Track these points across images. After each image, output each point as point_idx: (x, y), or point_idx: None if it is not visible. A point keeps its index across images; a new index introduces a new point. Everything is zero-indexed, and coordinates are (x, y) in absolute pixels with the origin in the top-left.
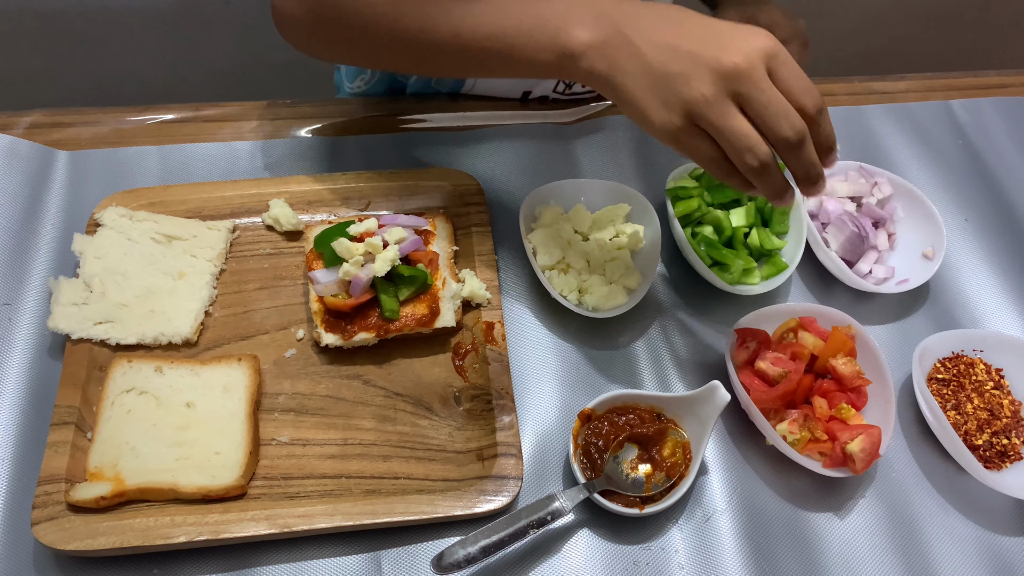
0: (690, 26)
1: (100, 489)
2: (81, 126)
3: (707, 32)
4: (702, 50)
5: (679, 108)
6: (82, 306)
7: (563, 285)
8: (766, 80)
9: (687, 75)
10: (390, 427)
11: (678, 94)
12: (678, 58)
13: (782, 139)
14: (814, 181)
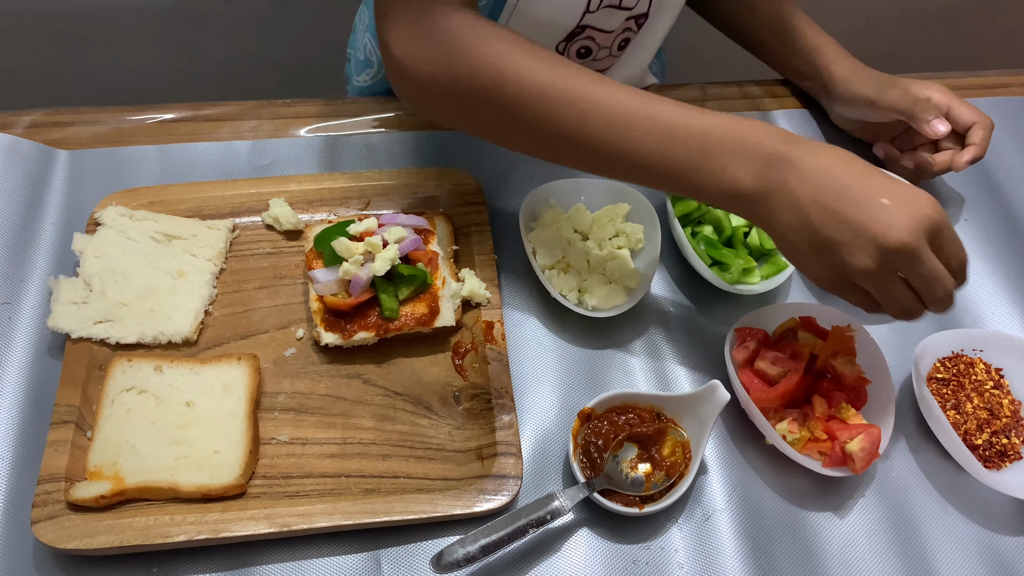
0: (856, 188)
1: (100, 488)
2: (81, 125)
3: (873, 196)
4: (868, 222)
5: (840, 273)
6: (82, 305)
7: (563, 285)
8: (929, 255)
9: (852, 246)
10: (390, 426)
11: (841, 262)
12: (843, 226)
13: (935, 300)
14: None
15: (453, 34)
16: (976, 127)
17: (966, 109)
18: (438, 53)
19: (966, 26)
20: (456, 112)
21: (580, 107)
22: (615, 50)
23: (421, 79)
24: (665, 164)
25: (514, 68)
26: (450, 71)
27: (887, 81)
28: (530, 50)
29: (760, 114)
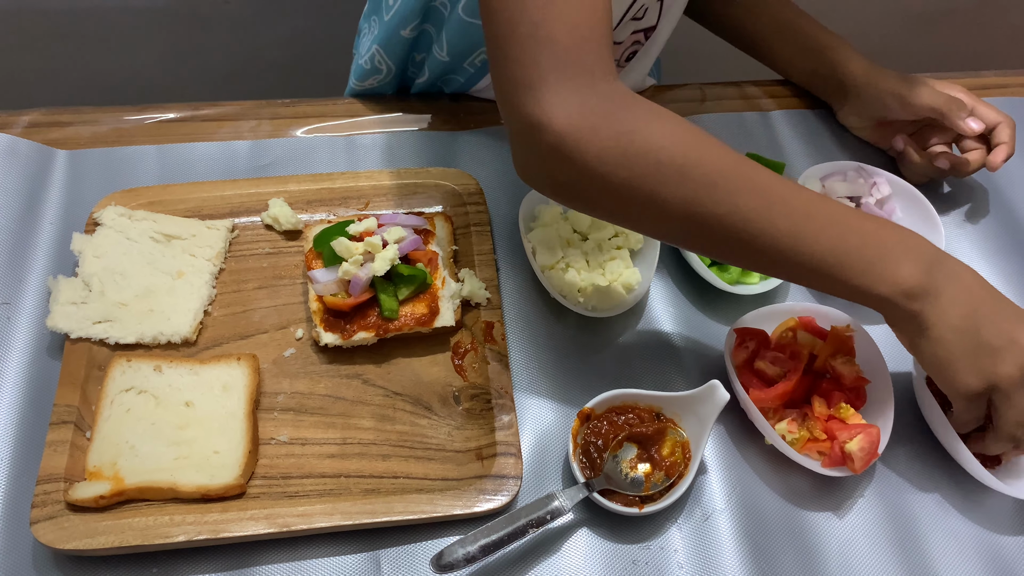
0: (1005, 303)
1: (99, 488)
2: (80, 125)
3: (1020, 314)
4: (1018, 334)
5: (986, 379)
6: (81, 305)
7: (562, 285)
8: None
9: (1004, 352)
10: (389, 426)
11: (992, 367)
12: (1001, 334)
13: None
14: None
15: (623, 108)
16: (1002, 126)
17: (989, 109)
18: (611, 128)
19: (962, 27)
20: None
21: (765, 194)
22: (622, 61)
23: (590, 155)
24: (837, 257)
25: (698, 150)
26: (623, 147)
27: (911, 79)
28: (698, 132)
29: (759, 114)
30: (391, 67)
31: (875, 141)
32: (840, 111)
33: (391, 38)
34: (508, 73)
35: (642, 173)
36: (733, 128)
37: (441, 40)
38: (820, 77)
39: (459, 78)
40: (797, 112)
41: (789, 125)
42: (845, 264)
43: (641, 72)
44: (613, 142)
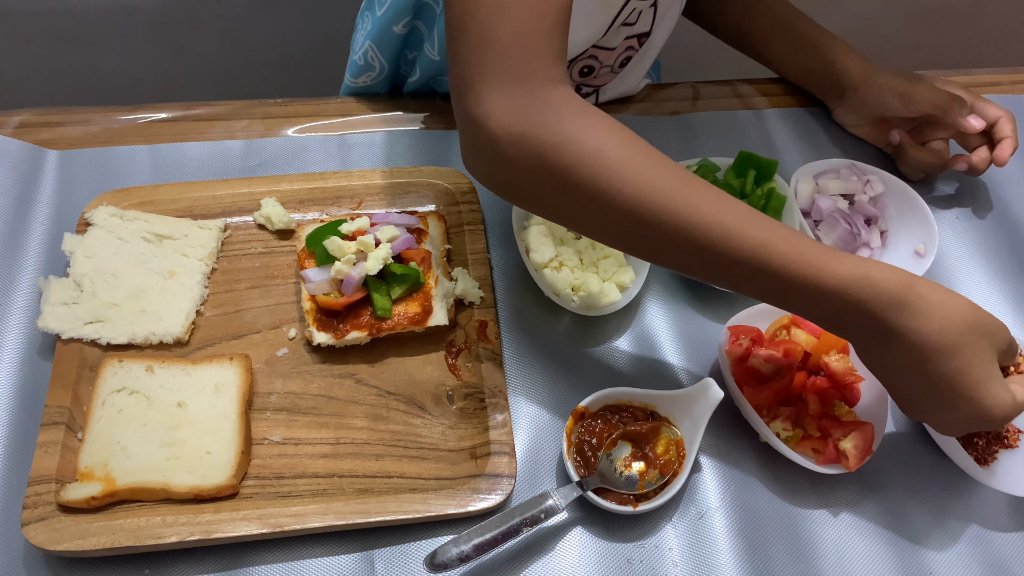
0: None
1: (91, 489)
2: (71, 125)
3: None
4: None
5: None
6: (72, 306)
7: (556, 283)
8: None
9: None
10: (383, 426)
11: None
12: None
13: None
14: None
15: (556, 116)
16: (1003, 120)
17: (988, 104)
18: (540, 136)
19: (957, 25)
20: (546, 199)
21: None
22: (616, 67)
23: (519, 159)
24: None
25: (617, 170)
26: (549, 156)
27: (911, 76)
28: (636, 148)
29: (753, 112)
30: (384, 64)
31: (871, 138)
32: (836, 109)
33: (383, 34)
34: (457, 70)
35: (567, 183)
36: (727, 127)
37: (432, 38)
38: (816, 75)
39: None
40: (790, 110)
41: (782, 123)
42: (809, 254)
43: (635, 78)
44: (539, 150)
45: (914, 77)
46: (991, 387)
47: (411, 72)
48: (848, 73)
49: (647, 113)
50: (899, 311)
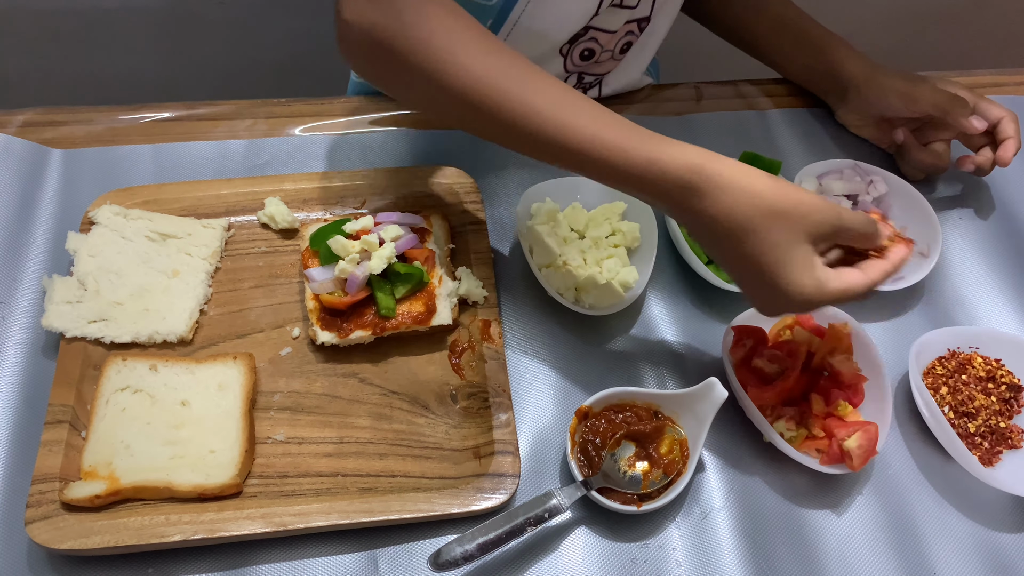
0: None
1: (94, 488)
2: (75, 124)
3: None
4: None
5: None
6: (76, 304)
7: (559, 283)
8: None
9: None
10: (386, 425)
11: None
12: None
13: None
14: None
15: (404, 7)
16: (1006, 120)
17: (991, 105)
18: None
19: (960, 26)
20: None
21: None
22: (617, 53)
23: (362, 45)
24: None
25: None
26: (386, 43)
27: (914, 77)
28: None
29: (756, 113)
30: None
31: (874, 139)
32: (839, 109)
33: None
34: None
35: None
36: (730, 127)
37: None
38: (819, 75)
39: None
40: (793, 111)
41: (785, 123)
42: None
43: (638, 68)
44: (380, 37)
45: (916, 78)
46: (789, 271)
47: None
48: (850, 73)
49: (650, 113)
50: (689, 195)
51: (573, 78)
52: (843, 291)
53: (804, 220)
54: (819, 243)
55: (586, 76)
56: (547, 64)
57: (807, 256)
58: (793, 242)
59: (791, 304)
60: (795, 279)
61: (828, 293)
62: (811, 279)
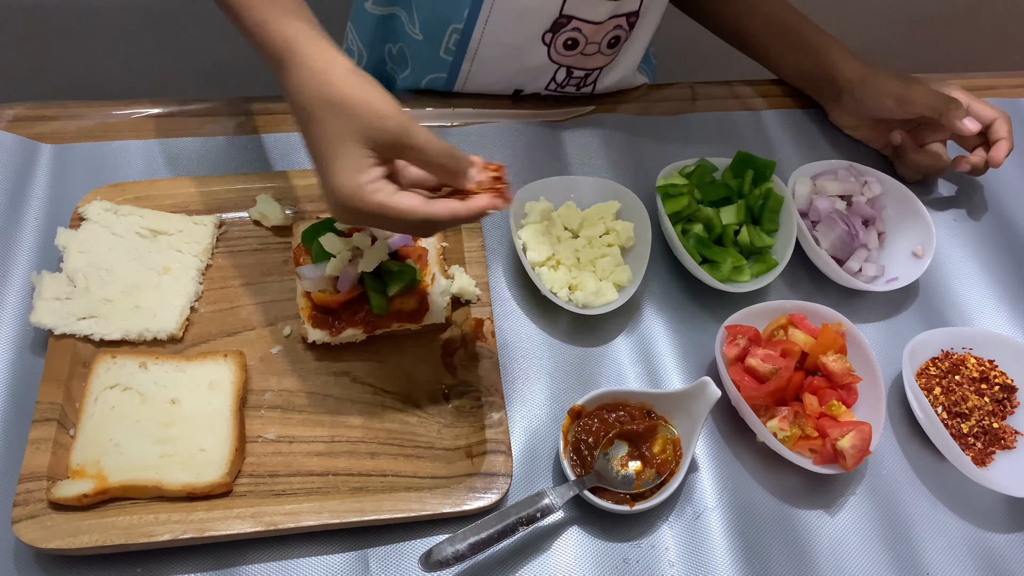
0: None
1: (82, 487)
2: (66, 120)
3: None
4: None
5: None
6: (65, 301)
7: (553, 282)
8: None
9: None
10: (378, 424)
11: None
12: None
13: None
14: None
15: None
16: (999, 121)
17: (984, 106)
18: None
19: (954, 29)
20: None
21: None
22: (604, 47)
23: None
24: None
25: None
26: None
27: (908, 79)
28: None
29: (751, 113)
30: (362, 51)
31: (868, 140)
32: (833, 111)
33: (358, 12)
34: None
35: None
36: (724, 127)
37: (413, 16)
38: (813, 77)
39: (441, 75)
40: (788, 112)
41: (780, 124)
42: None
43: (629, 64)
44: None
45: (910, 79)
46: (333, 167)
47: (401, 67)
48: (845, 75)
49: (645, 113)
50: (278, 67)
51: (562, 72)
52: (385, 206)
53: (364, 120)
54: (380, 151)
55: (575, 70)
56: (531, 53)
57: (357, 158)
58: (345, 139)
59: (331, 203)
60: (335, 177)
61: (367, 202)
62: (351, 181)
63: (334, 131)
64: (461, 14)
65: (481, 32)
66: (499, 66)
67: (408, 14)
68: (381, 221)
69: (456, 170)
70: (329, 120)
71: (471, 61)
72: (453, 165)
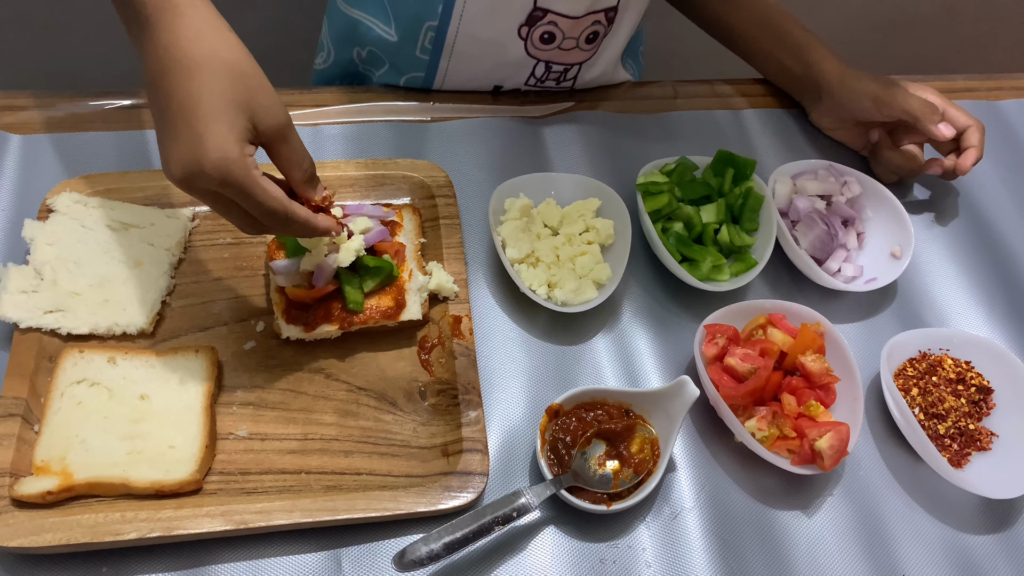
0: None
1: (47, 484)
2: (36, 110)
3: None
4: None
5: None
6: (31, 294)
7: (532, 279)
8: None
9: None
10: (352, 422)
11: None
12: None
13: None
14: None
15: None
16: (972, 129)
17: (959, 112)
18: None
19: (933, 32)
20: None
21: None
22: (583, 43)
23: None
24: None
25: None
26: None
27: (886, 81)
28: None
29: (732, 112)
30: (331, 48)
31: (847, 141)
32: (813, 111)
33: (332, 8)
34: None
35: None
36: (705, 126)
37: (386, 14)
38: (794, 76)
39: (419, 74)
40: (769, 111)
41: (761, 124)
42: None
43: (609, 59)
44: None
45: (889, 82)
46: (211, 129)
47: (376, 66)
48: (824, 76)
49: (627, 111)
50: (158, 15)
51: (541, 67)
52: (256, 185)
53: (258, 97)
54: (261, 132)
55: (554, 65)
56: (508, 47)
57: (242, 129)
58: (233, 105)
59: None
60: (213, 138)
61: (238, 175)
62: (232, 148)
63: (223, 92)
64: (435, 10)
65: (456, 27)
66: (477, 62)
67: (382, 17)
68: (236, 198)
69: (312, 177)
70: (220, 79)
71: (448, 58)
72: (311, 171)
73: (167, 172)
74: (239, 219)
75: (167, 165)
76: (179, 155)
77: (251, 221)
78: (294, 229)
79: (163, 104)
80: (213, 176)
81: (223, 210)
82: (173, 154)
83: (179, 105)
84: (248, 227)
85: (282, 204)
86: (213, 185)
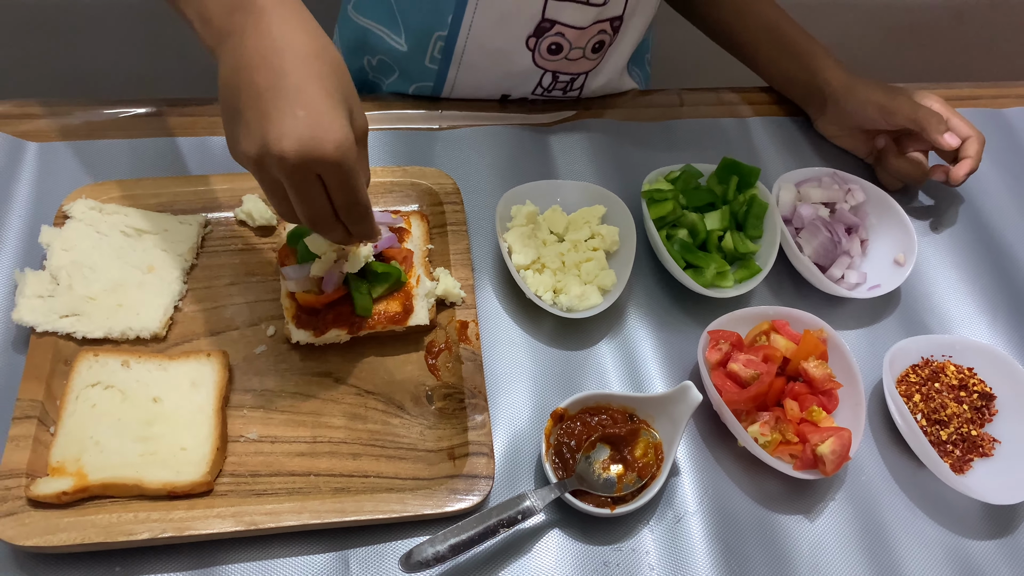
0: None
1: (62, 484)
2: (52, 118)
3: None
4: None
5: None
6: (48, 299)
7: (538, 285)
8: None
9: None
10: (360, 425)
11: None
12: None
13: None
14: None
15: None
16: (971, 140)
17: (962, 122)
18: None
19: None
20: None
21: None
22: (589, 52)
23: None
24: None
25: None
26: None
27: (891, 89)
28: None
29: (737, 120)
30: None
31: (852, 149)
32: (818, 119)
33: (344, 16)
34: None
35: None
36: (710, 134)
37: (397, 25)
38: (800, 84)
39: (428, 83)
40: (774, 119)
41: (766, 131)
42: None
43: (615, 67)
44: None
45: (894, 90)
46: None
47: (386, 75)
48: (830, 84)
49: (632, 119)
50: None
51: (548, 77)
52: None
53: (352, 96)
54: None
55: (561, 75)
56: (516, 57)
57: (346, 117)
58: (337, 94)
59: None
60: (334, 120)
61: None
62: (346, 130)
63: (337, 85)
64: (445, 20)
65: (465, 37)
66: (485, 72)
67: (392, 27)
68: (335, 183)
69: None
70: (333, 72)
71: (457, 67)
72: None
73: (258, 146)
74: (307, 205)
75: (263, 140)
76: (294, 131)
77: (314, 210)
78: (361, 227)
79: (270, 82)
80: (333, 156)
81: (293, 194)
82: (282, 130)
83: (295, 87)
84: (311, 216)
85: (368, 198)
86: (324, 166)
